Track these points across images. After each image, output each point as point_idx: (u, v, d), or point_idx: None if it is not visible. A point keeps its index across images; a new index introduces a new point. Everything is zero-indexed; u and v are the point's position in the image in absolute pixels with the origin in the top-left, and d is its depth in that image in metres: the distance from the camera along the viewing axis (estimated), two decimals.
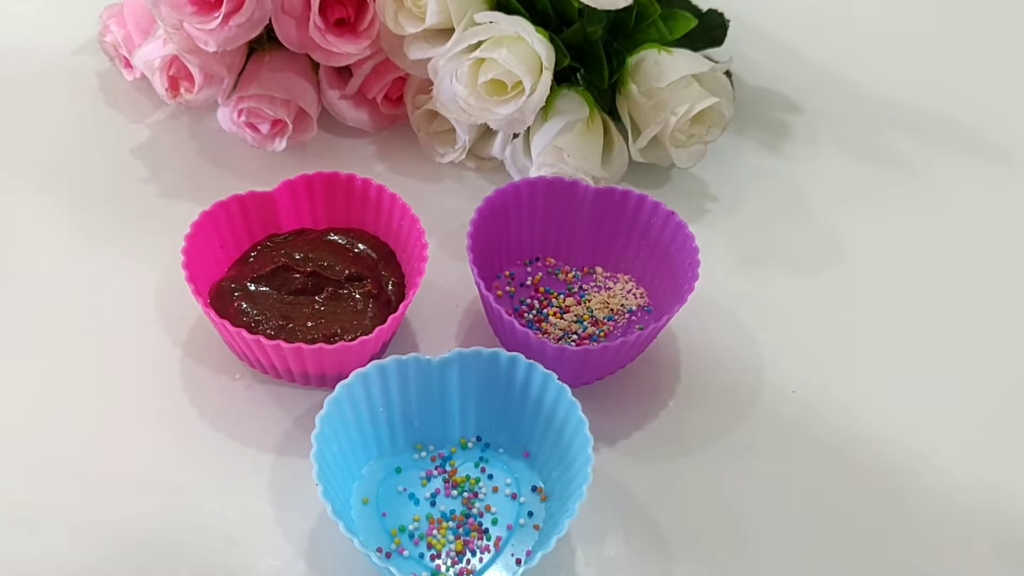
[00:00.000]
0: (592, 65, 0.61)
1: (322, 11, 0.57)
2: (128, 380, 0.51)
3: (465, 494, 0.47)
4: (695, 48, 0.63)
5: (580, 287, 0.56)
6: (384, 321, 0.49)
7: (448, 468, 0.48)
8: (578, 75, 0.62)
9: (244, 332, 0.47)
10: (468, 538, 0.45)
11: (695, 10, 0.66)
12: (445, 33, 0.57)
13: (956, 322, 0.58)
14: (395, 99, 0.64)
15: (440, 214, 0.58)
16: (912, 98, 0.72)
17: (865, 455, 0.51)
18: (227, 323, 0.48)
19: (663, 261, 0.55)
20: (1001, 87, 0.74)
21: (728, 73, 0.62)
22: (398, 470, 0.47)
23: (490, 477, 0.47)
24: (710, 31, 0.67)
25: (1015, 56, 0.77)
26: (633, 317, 0.55)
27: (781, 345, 0.56)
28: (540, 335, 0.53)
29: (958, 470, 0.51)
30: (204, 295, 0.50)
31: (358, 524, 0.45)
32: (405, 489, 0.47)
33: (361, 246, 0.55)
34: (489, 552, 0.45)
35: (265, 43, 0.61)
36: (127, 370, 0.51)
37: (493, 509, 0.46)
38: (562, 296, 0.55)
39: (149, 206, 0.60)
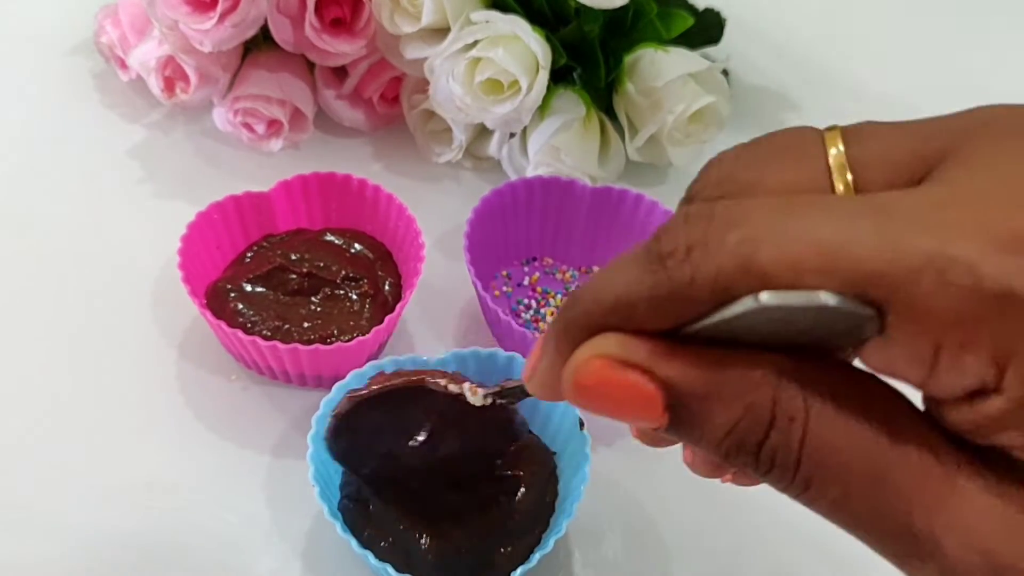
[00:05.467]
0: (589, 64, 0.61)
1: (318, 11, 0.57)
2: (124, 381, 0.51)
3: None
4: (692, 47, 0.63)
5: (578, 287, 0.56)
6: (381, 322, 0.49)
7: None
8: (575, 74, 0.62)
9: (240, 333, 0.47)
10: None
11: (692, 9, 0.66)
12: (441, 32, 0.57)
13: None
14: (391, 99, 0.64)
15: (437, 214, 0.58)
16: (911, 96, 0.72)
17: None
18: (223, 324, 0.48)
19: None
20: (1000, 86, 0.74)
21: (725, 72, 0.62)
22: None
23: None
24: (707, 29, 0.67)
25: (1015, 55, 0.77)
26: None
27: None
28: (538, 335, 0.52)
29: None
30: (200, 296, 0.50)
31: None
32: None
33: (358, 246, 0.55)
34: None
35: (261, 43, 0.61)
36: (123, 371, 0.51)
37: None
38: (559, 296, 0.55)
39: (145, 206, 0.59)
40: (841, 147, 0.23)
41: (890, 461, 0.20)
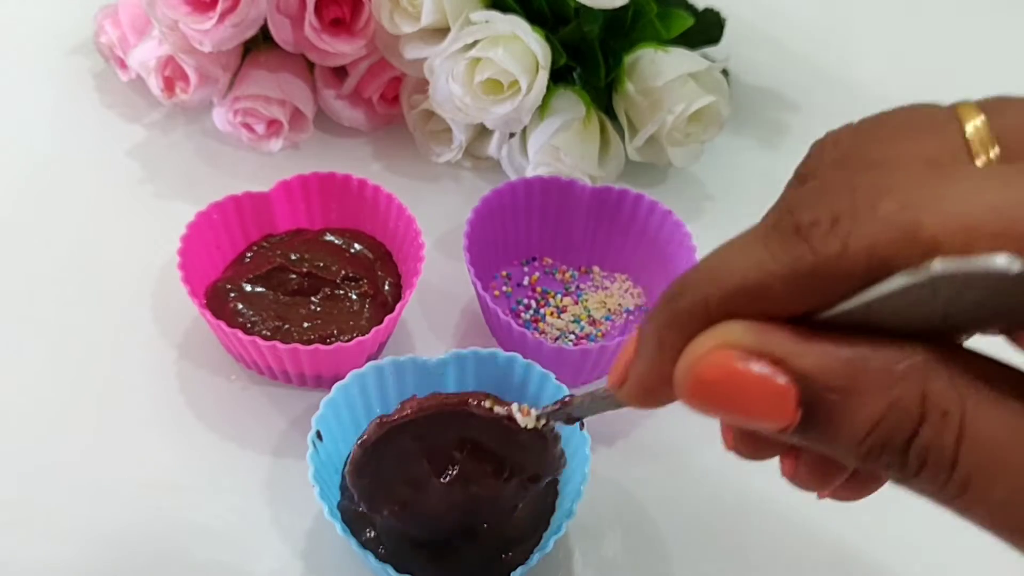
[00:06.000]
0: (588, 64, 0.61)
1: (317, 11, 0.57)
2: (124, 381, 0.51)
3: None
4: (692, 47, 0.63)
5: (577, 287, 0.56)
6: (380, 322, 0.49)
7: None
8: (574, 74, 0.62)
9: (240, 333, 0.47)
10: None
11: (692, 9, 0.66)
12: (441, 32, 0.57)
13: None
14: (391, 99, 0.64)
15: (437, 214, 0.58)
16: (909, 96, 0.72)
17: None
18: (223, 324, 0.48)
19: (660, 260, 0.54)
20: (999, 86, 0.74)
21: (725, 71, 0.62)
22: None
23: None
24: (707, 29, 0.67)
25: (1013, 55, 0.77)
26: (631, 316, 0.55)
27: None
28: (537, 335, 0.52)
29: None
30: (200, 296, 0.50)
31: None
32: None
33: (357, 246, 0.55)
34: None
35: (261, 43, 0.61)
36: (123, 371, 0.51)
37: None
38: (559, 296, 0.55)
39: (145, 207, 0.59)
40: (982, 119, 0.21)
41: None
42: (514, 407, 0.34)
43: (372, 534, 0.43)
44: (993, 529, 0.19)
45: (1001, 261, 0.17)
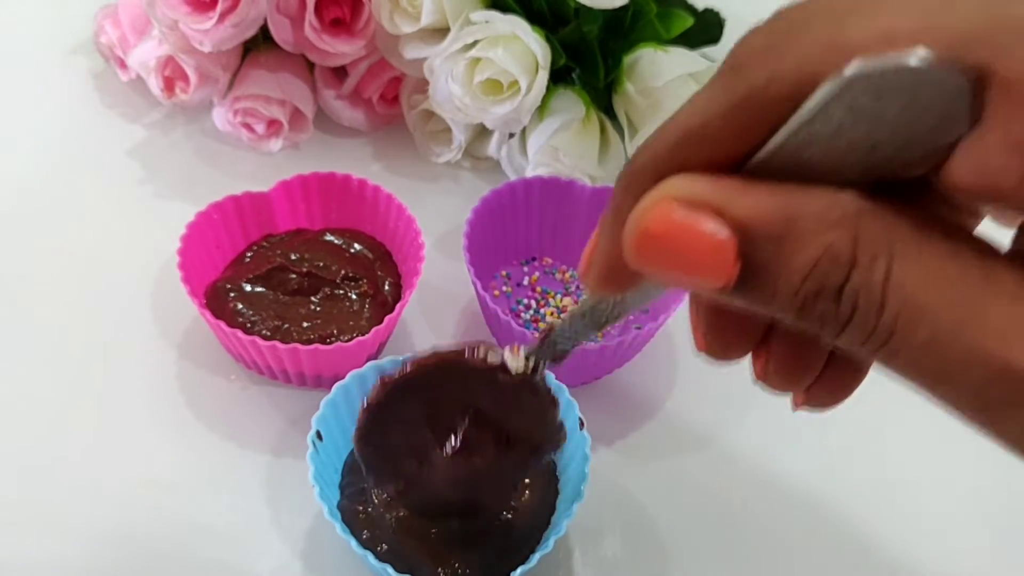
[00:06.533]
0: (588, 64, 0.61)
1: (317, 11, 0.57)
2: (124, 381, 0.51)
3: None
4: (692, 47, 0.63)
5: (577, 287, 0.56)
6: (380, 322, 0.49)
7: None
8: (574, 74, 0.62)
9: (240, 333, 0.47)
10: None
11: (692, 9, 0.66)
12: (441, 32, 0.57)
13: None
14: (391, 99, 0.64)
15: (436, 214, 0.58)
16: None
17: (866, 453, 0.51)
18: (223, 324, 0.48)
19: None
20: None
21: None
22: None
23: None
24: (707, 29, 0.67)
25: None
26: (630, 317, 0.55)
27: None
28: (537, 335, 0.52)
29: (958, 463, 0.51)
30: (200, 296, 0.50)
31: None
32: None
33: (357, 246, 0.55)
34: None
35: (260, 43, 0.61)
36: (123, 371, 0.51)
37: None
38: (559, 296, 0.55)
39: (144, 206, 0.59)
40: None
41: (985, 297, 0.18)
42: (506, 350, 0.34)
43: (372, 534, 0.43)
44: (916, 377, 0.20)
45: (914, 55, 0.17)
